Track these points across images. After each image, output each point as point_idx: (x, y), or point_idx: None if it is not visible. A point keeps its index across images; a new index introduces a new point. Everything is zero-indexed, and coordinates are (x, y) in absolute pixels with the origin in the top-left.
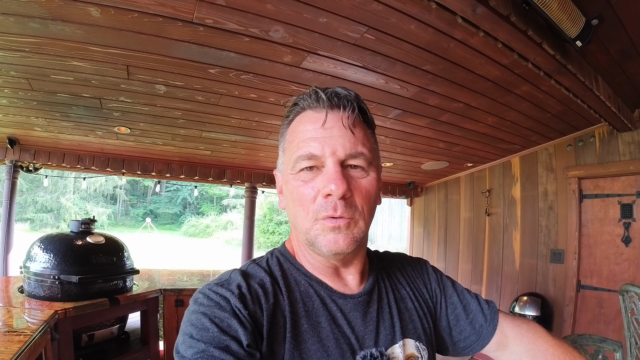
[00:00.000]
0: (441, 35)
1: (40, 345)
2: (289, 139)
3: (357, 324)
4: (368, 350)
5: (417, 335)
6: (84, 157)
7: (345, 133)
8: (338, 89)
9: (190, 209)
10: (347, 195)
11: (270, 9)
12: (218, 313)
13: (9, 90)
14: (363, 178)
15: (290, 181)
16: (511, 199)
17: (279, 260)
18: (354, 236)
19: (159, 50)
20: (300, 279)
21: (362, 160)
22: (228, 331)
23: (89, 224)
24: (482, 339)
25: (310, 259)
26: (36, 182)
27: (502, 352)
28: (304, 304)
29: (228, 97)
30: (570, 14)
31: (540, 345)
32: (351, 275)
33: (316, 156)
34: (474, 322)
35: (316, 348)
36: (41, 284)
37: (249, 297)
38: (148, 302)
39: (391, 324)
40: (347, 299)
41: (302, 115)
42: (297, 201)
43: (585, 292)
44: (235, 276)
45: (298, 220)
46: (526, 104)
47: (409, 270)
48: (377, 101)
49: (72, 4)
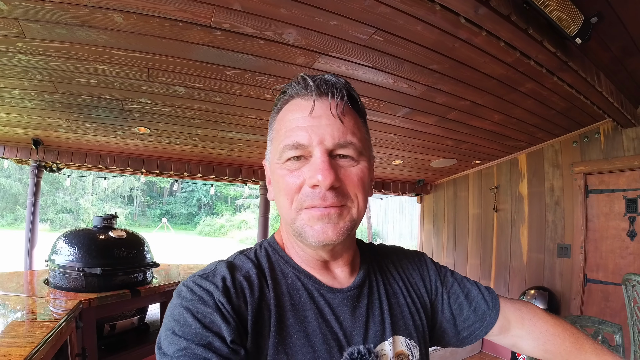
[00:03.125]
0: (446, 35)
1: (66, 332)
2: (276, 127)
3: (345, 319)
4: (356, 347)
5: (407, 332)
6: (105, 157)
7: (334, 122)
8: (327, 76)
9: (205, 209)
10: (336, 184)
11: (284, 13)
12: (200, 308)
13: (35, 93)
14: (353, 167)
15: (276, 170)
16: (518, 195)
17: (267, 252)
18: (345, 225)
19: (179, 54)
20: (288, 271)
21: (352, 149)
22: (211, 327)
23: (111, 220)
24: (486, 325)
25: (299, 251)
26: (56, 184)
27: (504, 336)
28: (290, 298)
29: (244, 97)
30: (569, 13)
31: (540, 326)
32: (340, 268)
33: (303, 145)
34: (477, 309)
35: (302, 343)
36: (66, 275)
37: (233, 291)
38: (167, 294)
39: (381, 320)
40: (335, 293)
41: (290, 104)
42: (282, 191)
43: (591, 285)
44: (220, 268)
45: (283, 210)
46: (531, 101)
47: (404, 264)
48: (386, 100)
49: (97, 10)
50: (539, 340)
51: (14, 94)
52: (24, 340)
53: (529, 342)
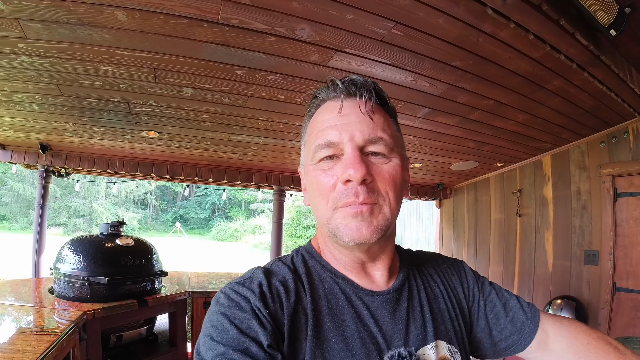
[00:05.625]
0: (470, 29)
1: (68, 345)
2: (309, 131)
3: (385, 322)
4: (396, 350)
5: (448, 338)
6: (114, 162)
7: (363, 119)
8: (354, 77)
9: (219, 214)
10: (368, 180)
11: (296, 6)
12: (238, 314)
13: (39, 97)
14: (385, 164)
15: (310, 172)
16: (543, 199)
17: (304, 258)
18: (379, 224)
19: (186, 52)
20: (325, 275)
21: (383, 146)
22: (248, 332)
23: (118, 227)
24: (524, 337)
25: (336, 255)
26: (69, 189)
27: (542, 353)
28: (327, 302)
29: (255, 98)
30: (603, 2)
31: (582, 339)
32: (379, 271)
33: (334, 143)
34: (515, 320)
35: (340, 347)
36: (71, 285)
37: (269, 296)
38: (176, 304)
39: (422, 324)
40: (374, 296)
41: (322, 107)
42: (317, 191)
43: (621, 294)
44: (257, 274)
45: (319, 211)
46: (557, 99)
47: (443, 269)
48: (405, 100)
49: (99, 8)
50: (580, 354)
51: (19, 97)
52: (22, 356)
53: (569, 357)
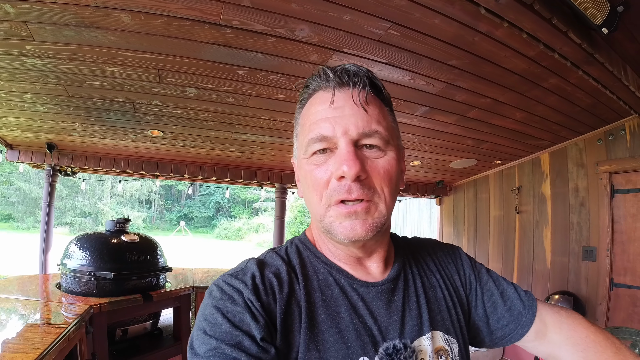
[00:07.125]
0: (466, 28)
1: (75, 337)
2: (301, 122)
3: (380, 313)
4: (391, 342)
5: (445, 327)
6: (119, 161)
7: (357, 111)
8: (348, 65)
9: (222, 213)
10: (362, 176)
11: (295, 8)
12: (230, 307)
13: (46, 97)
14: (380, 158)
15: (303, 166)
16: (541, 196)
17: (298, 249)
18: (374, 222)
19: (189, 53)
20: (320, 267)
21: (378, 139)
22: (240, 326)
23: (124, 224)
24: (521, 326)
25: (331, 247)
26: (75, 188)
27: (540, 342)
28: (321, 293)
29: (257, 98)
30: (595, 1)
31: (580, 332)
32: (374, 263)
33: (327, 137)
34: (512, 309)
35: (334, 339)
36: (77, 280)
37: (262, 288)
38: (181, 299)
39: (418, 314)
40: (369, 287)
41: (314, 97)
42: (310, 186)
43: (618, 290)
44: (250, 266)
45: (313, 206)
46: (554, 97)
47: (440, 256)
48: (404, 98)
49: (104, 11)
50: (578, 347)
51: (26, 98)
52: (30, 347)
53: (567, 348)
